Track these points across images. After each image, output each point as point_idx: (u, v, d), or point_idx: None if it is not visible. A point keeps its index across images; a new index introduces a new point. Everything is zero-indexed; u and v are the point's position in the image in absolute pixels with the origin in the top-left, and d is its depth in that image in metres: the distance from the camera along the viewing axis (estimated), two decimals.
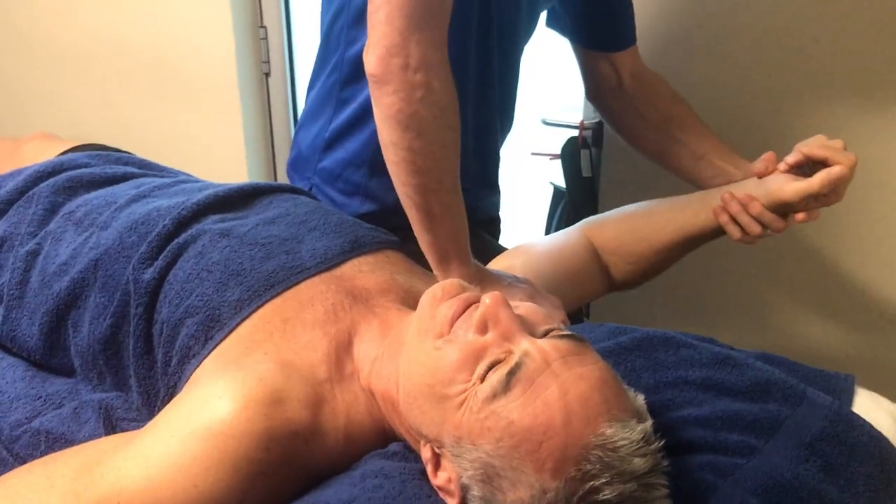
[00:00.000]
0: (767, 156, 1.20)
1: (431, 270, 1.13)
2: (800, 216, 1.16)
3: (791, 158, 1.17)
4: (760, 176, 1.21)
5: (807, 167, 1.17)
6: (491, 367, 0.78)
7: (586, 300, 1.35)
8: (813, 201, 1.14)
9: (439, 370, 0.80)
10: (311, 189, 1.43)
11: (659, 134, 1.39)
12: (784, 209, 1.17)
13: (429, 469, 0.83)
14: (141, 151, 1.47)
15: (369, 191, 1.37)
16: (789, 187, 1.15)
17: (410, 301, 1.02)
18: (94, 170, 1.29)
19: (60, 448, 0.95)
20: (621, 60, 1.40)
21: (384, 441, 0.92)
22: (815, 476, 0.83)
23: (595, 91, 1.48)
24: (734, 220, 1.20)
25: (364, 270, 1.05)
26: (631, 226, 1.30)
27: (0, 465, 0.96)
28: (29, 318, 1.12)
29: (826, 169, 1.12)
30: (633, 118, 1.43)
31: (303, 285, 1.00)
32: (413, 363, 0.84)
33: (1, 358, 1.12)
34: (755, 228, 1.18)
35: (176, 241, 1.06)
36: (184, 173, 1.40)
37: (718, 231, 1.24)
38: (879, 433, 0.92)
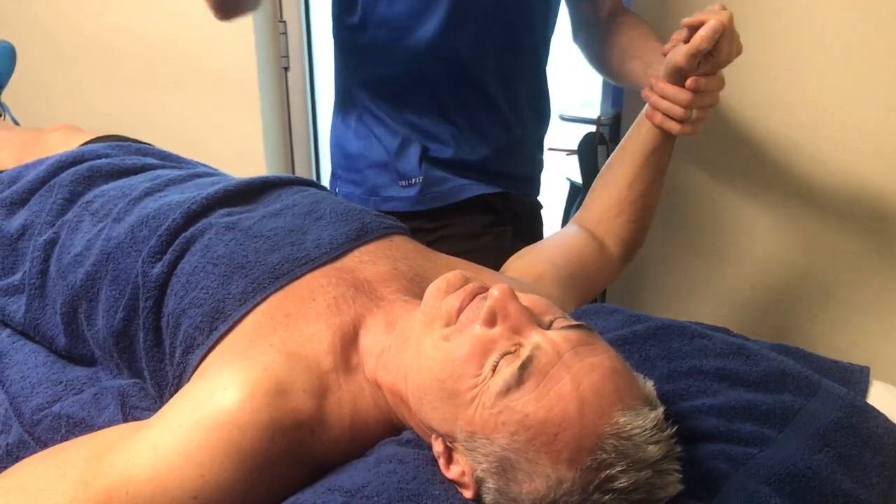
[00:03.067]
0: (675, 35, 1.20)
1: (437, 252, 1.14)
2: (689, 81, 1.17)
3: (679, 34, 1.19)
4: (665, 54, 1.22)
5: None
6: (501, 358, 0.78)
7: (603, 286, 1.35)
8: (704, 63, 1.16)
9: (449, 364, 0.80)
10: None
11: (618, 53, 1.45)
12: (681, 77, 1.18)
13: (441, 462, 0.83)
14: (161, 144, 1.48)
15: None
16: (679, 52, 1.16)
17: (415, 289, 1.01)
18: (114, 160, 1.30)
19: (80, 432, 0.97)
20: (602, 3, 1.52)
21: (391, 432, 0.92)
22: (828, 466, 0.83)
23: (575, 29, 1.59)
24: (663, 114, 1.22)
25: (365, 261, 1.04)
26: (602, 184, 1.32)
27: (22, 449, 0.97)
28: (52, 307, 1.13)
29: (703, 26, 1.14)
30: (599, 45, 1.52)
31: (303, 280, 0.99)
32: (421, 357, 0.84)
33: (23, 344, 1.13)
34: (676, 110, 1.19)
35: (184, 235, 1.06)
36: (203, 165, 1.41)
37: (664, 135, 1.25)
38: (894, 425, 0.92)
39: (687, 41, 1.14)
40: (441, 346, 0.82)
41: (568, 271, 1.20)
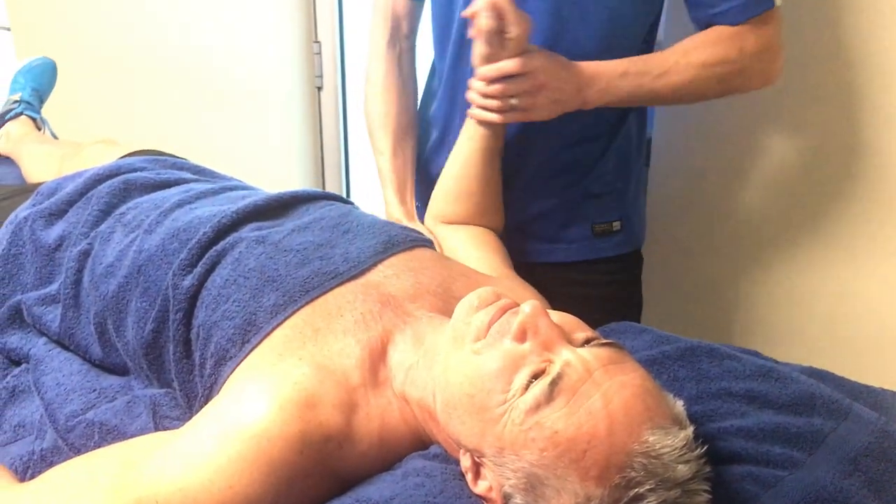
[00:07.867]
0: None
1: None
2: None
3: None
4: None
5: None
6: (532, 377, 0.78)
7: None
8: (505, 43, 1.17)
9: (478, 379, 0.81)
10: None
11: None
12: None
13: (469, 478, 0.83)
14: (195, 159, 1.50)
15: None
16: (475, 43, 1.20)
17: (439, 303, 1.02)
18: (149, 174, 1.32)
19: (113, 440, 0.98)
20: None
21: (419, 447, 0.92)
22: (858, 491, 0.82)
23: None
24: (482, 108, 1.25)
25: (389, 275, 1.04)
26: (457, 194, 1.36)
27: (56, 454, 0.99)
28: (86, 317, 1.15)
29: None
30: None
31: (329, 295, 0.99)
32: (451, 372, 0.84)
33: (58, 352, 1.15)
34: (491, 103, 1.22)
35: (214, 248, 1.07)
36: (235, 179, 1.43)
37: (490, 130, 1.29)
38: None
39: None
40: (471, 360, 0.82)
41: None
